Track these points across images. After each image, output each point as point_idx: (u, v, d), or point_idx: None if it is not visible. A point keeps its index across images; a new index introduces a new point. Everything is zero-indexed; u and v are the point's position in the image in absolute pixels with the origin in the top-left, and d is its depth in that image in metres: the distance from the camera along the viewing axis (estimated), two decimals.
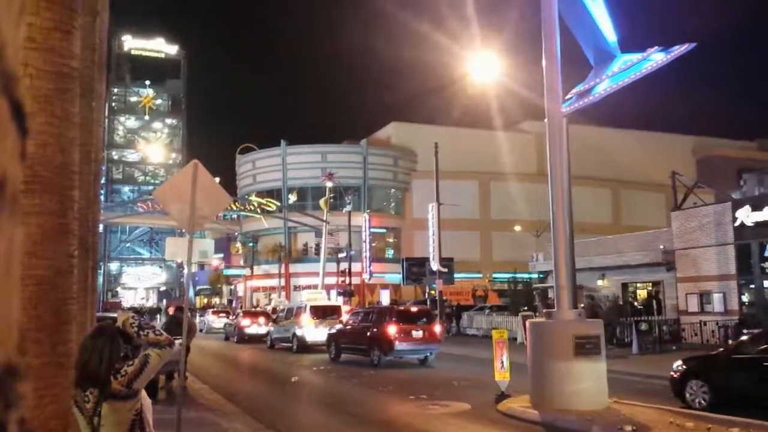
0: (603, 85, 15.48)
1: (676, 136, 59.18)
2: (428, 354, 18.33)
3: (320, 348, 22.08)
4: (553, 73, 15.08)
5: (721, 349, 11.74)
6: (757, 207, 21.40)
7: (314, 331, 22.80)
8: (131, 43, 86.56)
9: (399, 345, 17.64)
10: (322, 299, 28.89)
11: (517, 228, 48.81)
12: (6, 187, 0.59)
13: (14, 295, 0.62)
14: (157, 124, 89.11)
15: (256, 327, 28.63)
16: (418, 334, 17.90)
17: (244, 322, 29.43)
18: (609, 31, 15.48)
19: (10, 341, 0.57)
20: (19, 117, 0.62)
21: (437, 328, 18.86)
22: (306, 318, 23.16)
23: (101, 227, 53.04)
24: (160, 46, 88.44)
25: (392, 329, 17.67)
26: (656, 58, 15.03)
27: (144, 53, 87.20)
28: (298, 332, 23.15)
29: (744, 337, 11.47)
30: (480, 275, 47.52)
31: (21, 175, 0.64)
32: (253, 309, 40.32)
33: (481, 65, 22.33)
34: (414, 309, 19.97)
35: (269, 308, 37.60)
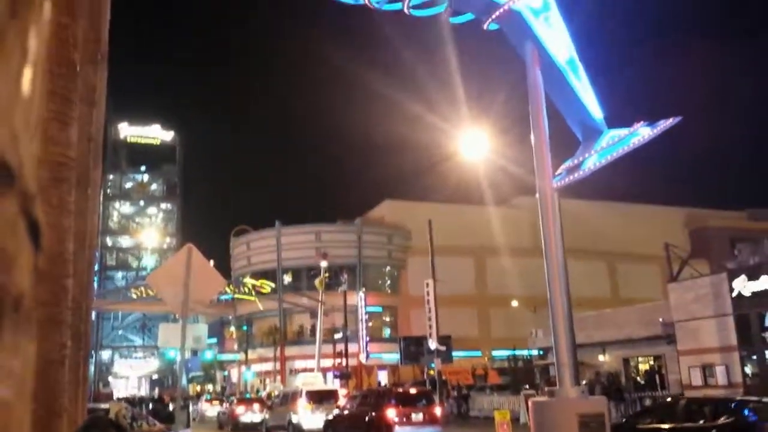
0: (592, 160, 15.74)
1: (667, 208, 59.81)
2: None
3: None
4: (541, 150, 15.36)
5: (624, 420, 11.64)
6: (753, 277, 21.36)
7: (311, 417, 22.13)
8: (127, 131, 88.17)
9: (399, 429, 17.20)
10: (318, 383, 28.22)
11: (515, 303, 48.43)
12: (22, 305, 0.62)
13: (28, 414, 0.62)
14: (151, 209, 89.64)
15: (251, 414, 27.98)
16: (418, 417, 17.49)
17: (239, 409, 28.82)
18: (595, 108, 15.88)
19: None
20: (34, 233, 0.65)
21: (438, 410, 18.45)
22: (302, 403, 22.58)
23: (94, 315, 52.30)
24: (156, 133, 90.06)
25: (391, 413, 17.28)
26: (643, 132, 15.36)
27: (140, 140, 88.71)
28: (294, 419, 22.55)
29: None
30: (479, 353, 46.74)
31: (33, 291, 0.66)
32: (248, 395, 39.33)
33: (471, 143, 22.77)
34: (413, 391, 19.59)
35: (264, 394, 36.67)
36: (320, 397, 23.22)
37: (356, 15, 17.25)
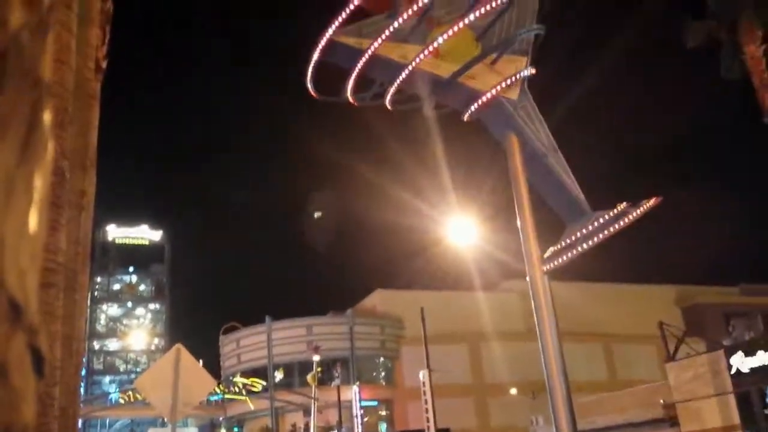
0: (579, 243, 15.92)
1: (659, 287, 59.86)
2: None
3: None
4: (528, 235, 15.55)
5: None
6: (749, 352, 21.16)
7: None
8: (115, 232, 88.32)
9: None
10: None
11: (513, 391, 47.40)
12: None
13: None
14: (139, 310, 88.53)
15: None
16: None
17: None
18: (577, 192, 16.22)
19: None
20: (38, 364, 0.68)
21: None
22: None
23: (80, 422, 50.48)
24: (144, 233, 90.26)
25: None
26: (626, 213, 15.65)
27: (128, 241, 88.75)
28: None
29: None
30: None
31: (35, 418, 0.69)
32: None
33: (459, 229, 22.97)
34: None
35: None
36: None
37: (343, 107, 17.80)
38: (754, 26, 22.48)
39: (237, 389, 52.67)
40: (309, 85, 16.41)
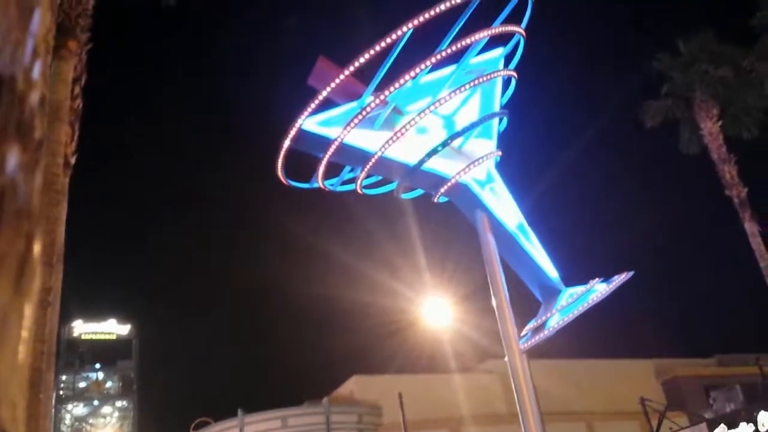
0: (554, 319, 15.90)
1: (638, 362, 59.63)
2: None
3: None
4: (504, 313, 15.51)
5: None
6: (732, 424, 20.96)
7: None
8: (81, 328, 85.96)
9: None
10: None
11: None
12: None
13: None
14: (106, 409, 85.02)
15: None
16: None
17: None
18: (549, 268, 16.35)
19: None
20: None
21: None
22: None
23: None
24: (112, 328, 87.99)
25: None
26: (599, 288, 15.75)
27: (94, 336, 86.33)
28: None
29: None
30: None
31: None
32: None
33: (435, 310, 22.84)
34: None
35: None
36: None
37: (313, 191, 17.93)
38: (709, 103, 23.57)
39: None
40: (280, 173, 16.57)
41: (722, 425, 21.27)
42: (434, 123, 16.62)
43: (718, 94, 23.86)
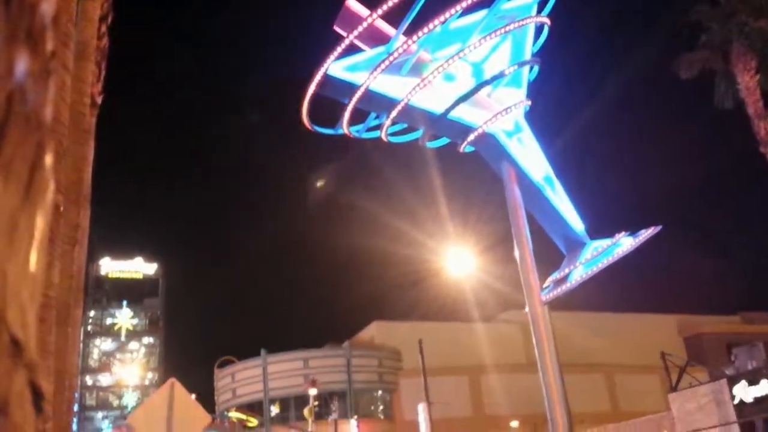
0: (578, 272, 15.82)
1: (661, 317, 59.56)
2: None
3: None
4: (527, 265, 15.46)
5: None
6: (753, 382, 20.95)
7: None
8: (109, 266, 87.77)
9: None
10: None
11: (514, 424, 46.78)
12: None
13: None
14: (133, 345, 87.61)
15: None
16: None
17: None
18: (575, 221, 16.19)
19: None
20: (37, 400, 0.72)
21: None
22: None
23: None
24: (139, 266, 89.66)
25: None
26: (625, 242, 15.60)
27: (122, 275, 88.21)
28: None
29: None
30: None
31: None
32: None
33: (457, 260, 22.86)
34: None
35: None
36: None
37: (338, 139, 17.82)
38: (747, 56, 22.72)
39: (232, 424, 51.86)
40: (304, 119, 16.46)
41: (743, 381, 21.25)
42: (463, 70, 16.28)
43: (757, 47, 23.01)
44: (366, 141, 18.26)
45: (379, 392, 54.06)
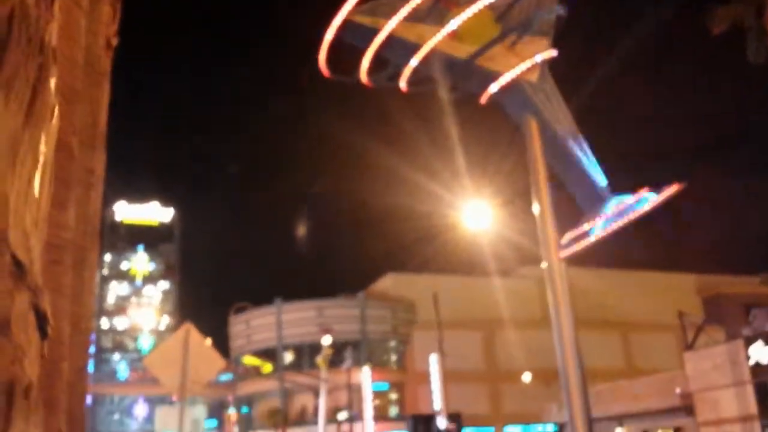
0: (598, 228, 15.60)
1: (679, 275, 59.30)
2: None
3: None
4: (545, 220, 15.23)
5: None
6: None
7: None
8: (125, 210, 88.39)
9: None
10: None
11: (526, 378, 47.29)
12: (31, 394, 0.70)
13: None
14: (149, 289, 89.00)
15: None
16: None
17: None
18: (598, 176, 15.87)
19: None
20: (41, 324, 0.74)
21: None
22: None
23: (89, 399, 50.98)
24: (154, 211, 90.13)
25: None
26: (648, 199, 15.30)
27: (138, 221, 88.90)
28: None
29: None
30: (491, 430, 45.31)
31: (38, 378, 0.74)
32: None
33: (474, 213, 22.64)
34: None
35: None
36: None
37: (356, 88, 17.46)
38: None
39: (246, 370, 52.93)
40: (323, 65, 16.11)
41: (759, 342, 21.14)
42: (487, 17, 15.76)
43: None
44: (384, 91, 17.90)
45: (393, 343, 54.72)
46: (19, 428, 0.64)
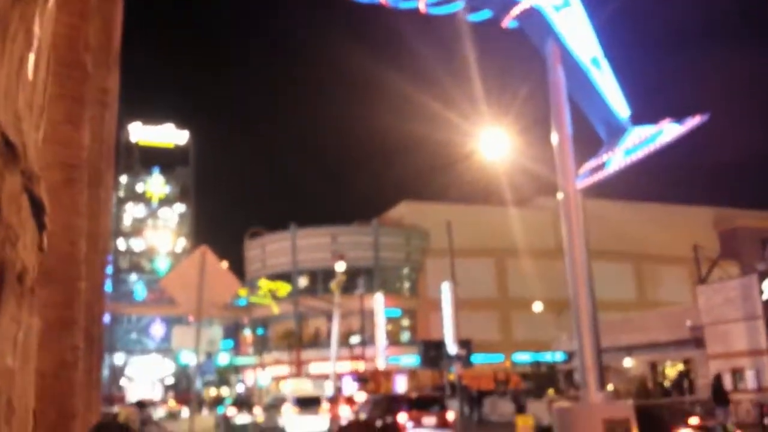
0: (616, 159, 15.32)
1: (696, 209, 58.74)
2: None
3: None
4: (563, 149, 14.97)
5: None
6: None
7: (297, 421, 23.52)
8: (140, 132, 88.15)
9: None
10: (306, 389, 29.66)
11: (537, 307, 47.95)
12: (25, 280, 0.68)
13: (31, 384, 0.70)
14: (165, 212, 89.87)
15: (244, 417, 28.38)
16: (430, 421, 17.70)
17: (231, 412, 29.38)
18: (619, 106, 15.49)
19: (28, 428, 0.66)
20: (38, 213, 0.71)
21: (450, 415, 18.68)
22: (288, 408, 23.84)
23: (107, 318, 52.54)
24: (170, 132, 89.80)
25: (403, 417, 17.47)
26: (669, 130, 14.95)
27: (153, 143, 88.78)
28: (280, 423, 24.08)
29: None
30: (500, 357, 46.31)
31: (37, 267, 0.72)
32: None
33: (491, 142, 22.36)
34: (424, 395, 20.41)
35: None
36: (306, 403, 24.60)
37: (372, 13, 16.97)
38: None
39: (262, 293, 53.95)
40: None
41: None
42: None
43: None
44: (399, 15, 17.36)
45: (406, 270, 55.38)
46: (10, 313, 0.62)
